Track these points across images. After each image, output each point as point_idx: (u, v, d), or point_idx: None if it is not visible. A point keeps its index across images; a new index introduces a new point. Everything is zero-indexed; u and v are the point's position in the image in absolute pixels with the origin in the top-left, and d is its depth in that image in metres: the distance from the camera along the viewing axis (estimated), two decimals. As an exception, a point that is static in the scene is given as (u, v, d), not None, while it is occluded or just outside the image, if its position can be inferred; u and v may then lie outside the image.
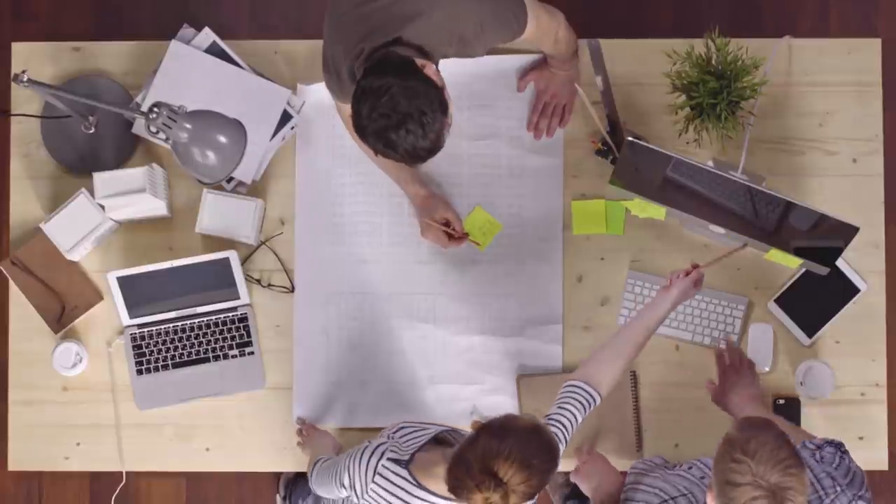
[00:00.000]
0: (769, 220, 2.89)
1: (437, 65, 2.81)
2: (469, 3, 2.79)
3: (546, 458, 2.54)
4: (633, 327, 2.90)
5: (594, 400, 2.83)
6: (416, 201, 3.23)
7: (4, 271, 3.29)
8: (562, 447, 2.76)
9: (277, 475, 3.86)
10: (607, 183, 3.23)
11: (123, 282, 3.20)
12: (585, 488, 3.04)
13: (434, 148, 2.70)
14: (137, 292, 3.21)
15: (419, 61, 2.71)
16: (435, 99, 2.67)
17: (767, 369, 3.19)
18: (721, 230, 2.94)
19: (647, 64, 3.27)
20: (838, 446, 2.76)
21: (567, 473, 3.63)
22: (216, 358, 3.24)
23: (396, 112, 2.65)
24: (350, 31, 2.79)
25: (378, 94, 2.65)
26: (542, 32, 2.98)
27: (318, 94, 3.27)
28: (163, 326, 3.23)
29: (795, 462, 2.47)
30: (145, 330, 3.24)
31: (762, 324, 3.20)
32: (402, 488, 2.73)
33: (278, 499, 3.79)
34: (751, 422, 2.52)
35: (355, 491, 2.76)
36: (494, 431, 2.55)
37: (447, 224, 3.21)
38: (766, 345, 3.19)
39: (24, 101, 3.30)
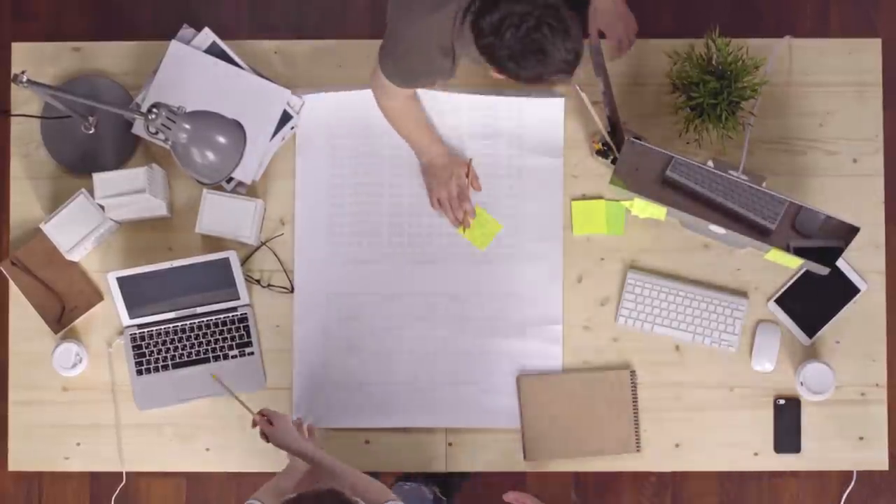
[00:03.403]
0: (769, 220, 2.89)
1: None
2: None
3: None
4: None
5: None
6: (438, 161, 3.20)
7: (4, 271, 3.29)
8: None
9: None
10: (607, 183, 3.23)
11: (123, 282, 3.20)
12: None
13: (577, 49, 2.68)
14: (137, 292, 3.21)
15: None
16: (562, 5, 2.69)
17: (772, 369, 3.19)
18: (721, 230, 2.94)
19: (647, 64, 3.27)
20: None
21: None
22: (216, 358, 3.24)
23: (534, 13, 2.64)
24: None
25: (511, 17, 2.65)
26: None
27: (318, 94, 3.26)
28: (163, 326, 3.23)
29: None
30: (145, 330, 3.24)
31: (770, 323, 3.19)
32: None
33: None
34: None
35: None
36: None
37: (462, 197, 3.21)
38: (773, 345, 3.19)
39: (24, 101, 3.30)
